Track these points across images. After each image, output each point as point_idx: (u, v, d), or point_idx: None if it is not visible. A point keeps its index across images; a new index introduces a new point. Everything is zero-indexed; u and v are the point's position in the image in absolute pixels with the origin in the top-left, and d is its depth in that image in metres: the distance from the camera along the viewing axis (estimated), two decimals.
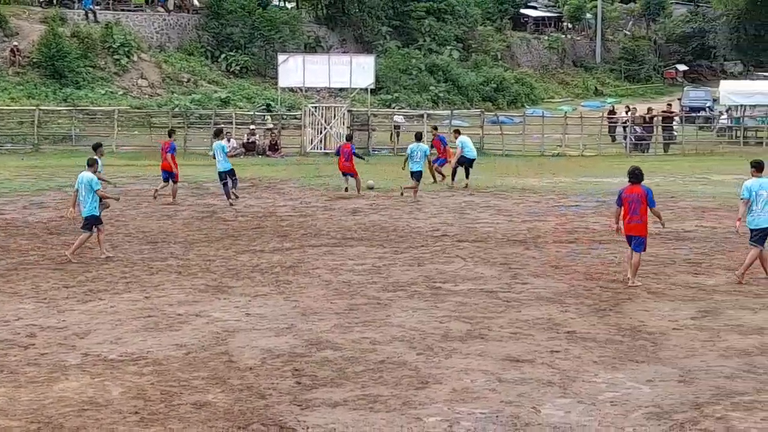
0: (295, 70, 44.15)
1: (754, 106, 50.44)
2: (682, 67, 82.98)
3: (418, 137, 28.79)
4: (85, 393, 10.50)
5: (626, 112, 48.34)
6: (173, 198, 26.39)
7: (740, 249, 19.22)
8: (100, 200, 18.94)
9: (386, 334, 12.95)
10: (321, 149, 42.24)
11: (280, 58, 46.18)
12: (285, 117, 47.11)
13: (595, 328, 13.25)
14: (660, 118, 47.51)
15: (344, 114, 43.20)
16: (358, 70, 43.78)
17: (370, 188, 28.55)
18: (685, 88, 66.28)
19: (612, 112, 51.27)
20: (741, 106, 50.29)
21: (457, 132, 31.80)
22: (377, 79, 49.18)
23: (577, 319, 13.80)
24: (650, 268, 17.32)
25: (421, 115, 48.23)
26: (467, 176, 30.12)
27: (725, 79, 67.25)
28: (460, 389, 10.59)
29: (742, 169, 35.20)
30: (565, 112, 53.51)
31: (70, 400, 10.27)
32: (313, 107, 44.00)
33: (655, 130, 47.25)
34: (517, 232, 21.78)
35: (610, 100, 69.85)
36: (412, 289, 15.82)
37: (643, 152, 45.49)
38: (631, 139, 45.78)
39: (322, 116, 43.09)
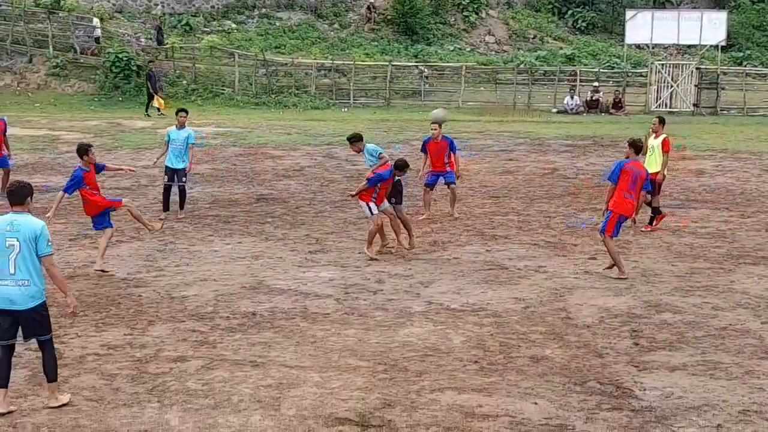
0: (643, 27, 43.11)
1: None
2: None
3: None
4: (429, 339, 10.99)
5: None
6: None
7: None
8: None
9: (729, 301, 12.60)
10: (666, 107, 41.26)
11: (628, 14, 45.12)
12: (630, 74, 46.16)
13: None
14: None
15: (692, 72, 41.97)
16: (708, 27, 42.23)
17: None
18: None
19: None
20: None
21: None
22: (728, 36, 47.05)
23: None
24: None
25: None
26: None
27: None
28: None
29: None
30: None
31: (414, 345, 10.79)
32: (660, 64, 42.98)
33: None
34: None
35: None
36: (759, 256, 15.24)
37: None
38: None
39: (668, 74, 42.10)
